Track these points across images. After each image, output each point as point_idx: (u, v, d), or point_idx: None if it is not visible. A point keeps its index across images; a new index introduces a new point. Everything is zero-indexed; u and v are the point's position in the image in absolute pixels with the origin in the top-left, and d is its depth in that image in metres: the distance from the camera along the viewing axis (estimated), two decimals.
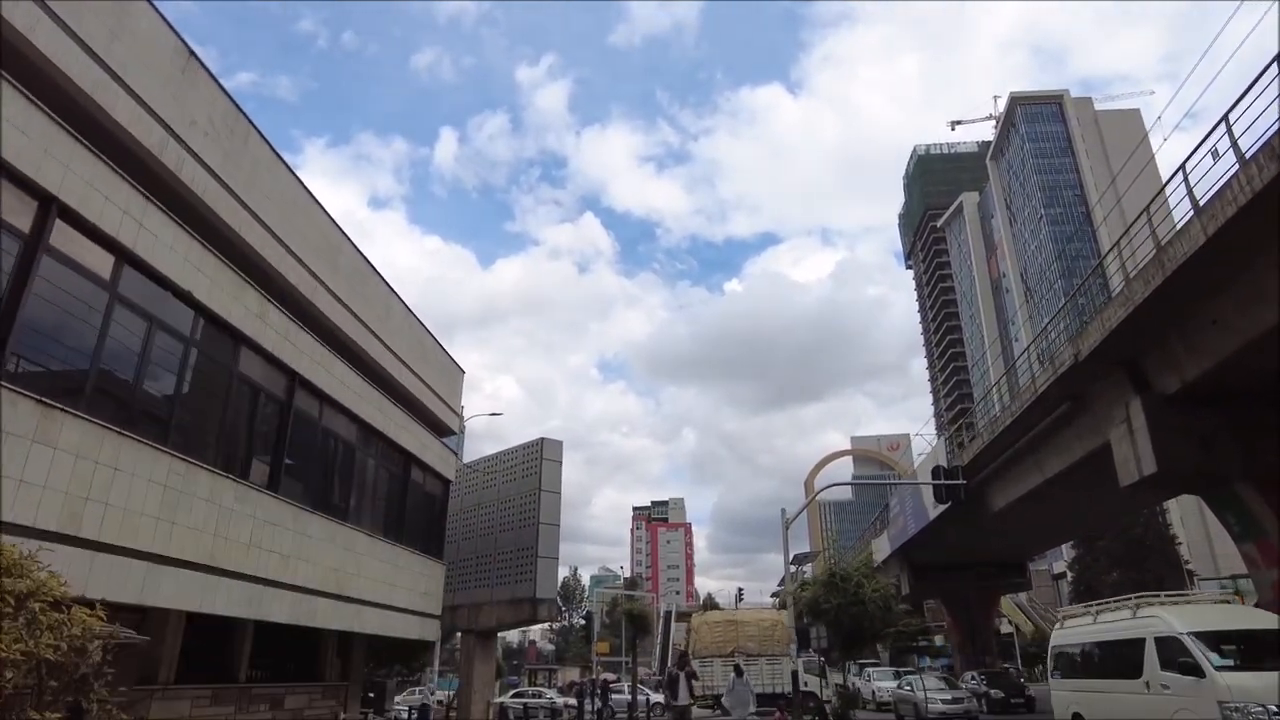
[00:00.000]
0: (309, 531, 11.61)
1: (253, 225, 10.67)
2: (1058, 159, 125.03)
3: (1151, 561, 72.42)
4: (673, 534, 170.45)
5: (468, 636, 19.04)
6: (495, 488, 19.79)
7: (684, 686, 15.17)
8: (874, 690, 29.91)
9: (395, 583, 14.62)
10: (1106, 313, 19.51)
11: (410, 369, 15.95)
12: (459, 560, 20.16)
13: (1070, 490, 27.73)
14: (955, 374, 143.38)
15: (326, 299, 12.64)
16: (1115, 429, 20.64)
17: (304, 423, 12.03)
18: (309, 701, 13.60)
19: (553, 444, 18.84)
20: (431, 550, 16.81)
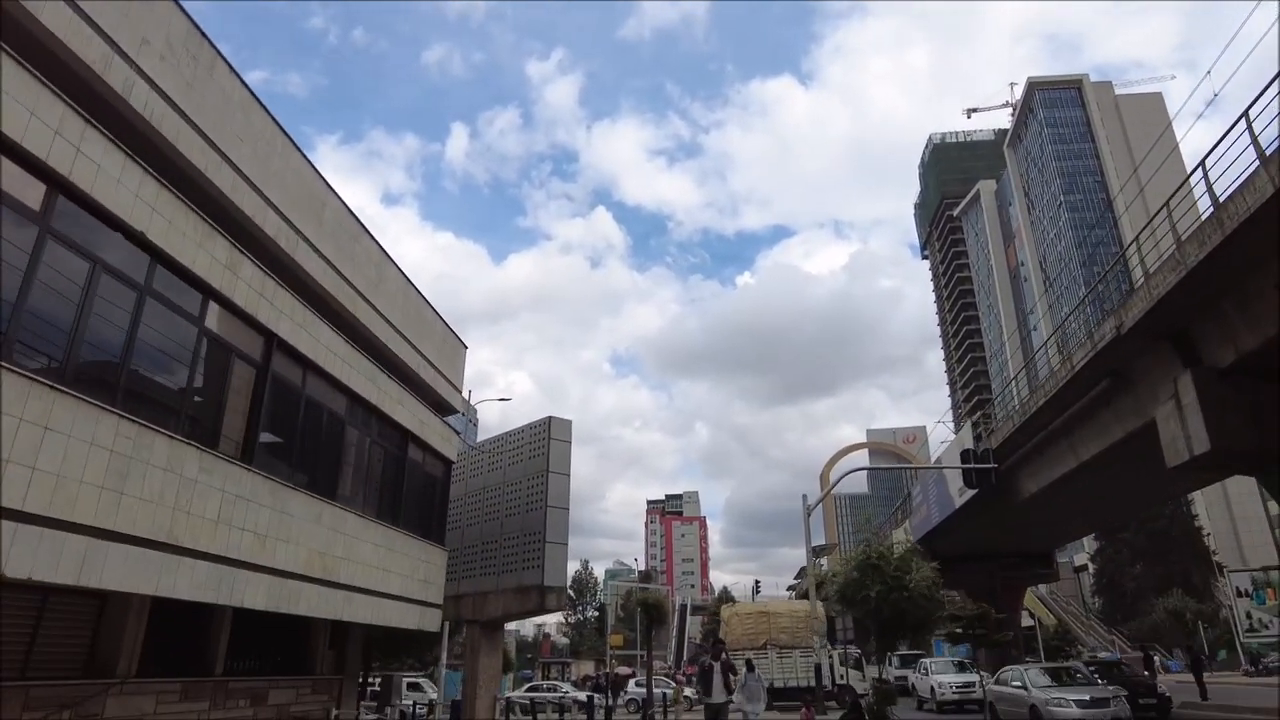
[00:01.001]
0: (290, 509, 10.53)
1: (222, 167, 9.57)
2: (1077, 144, 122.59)
3: (1176, 554, 70.71)
4: (687, 527, 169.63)
5: (473, 627, 17.98)
6: (501, 470, 18.69)
7: (719, 679, 13.02)
8: (933, 686, 26.72)
9: (390, 568, 13.54)
10: (1154, 280, 18.14)
11: (407, 340, 14.85)
12: (464, 547, 19.10)
13: (1106, 475, 26.35)
14: (972, 365, 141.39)
15: (310, 257, 11.54)
16: (1161, 407, 19.28)
17: (284, 391, 10.95)
18: (296, 696, 12.55)
19: (561, 423, 17.72)
20: (432, 535, 15.73)
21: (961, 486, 32.46)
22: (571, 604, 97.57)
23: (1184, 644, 50.14)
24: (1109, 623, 73.88)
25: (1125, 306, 19.55)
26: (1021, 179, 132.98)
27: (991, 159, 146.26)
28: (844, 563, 16.81)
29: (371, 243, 13.73)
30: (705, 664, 13.58)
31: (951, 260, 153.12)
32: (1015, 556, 42.57)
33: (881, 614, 14.38)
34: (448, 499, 16.73)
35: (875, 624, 15.22)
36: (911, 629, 15.55)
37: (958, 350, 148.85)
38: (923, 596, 14.55)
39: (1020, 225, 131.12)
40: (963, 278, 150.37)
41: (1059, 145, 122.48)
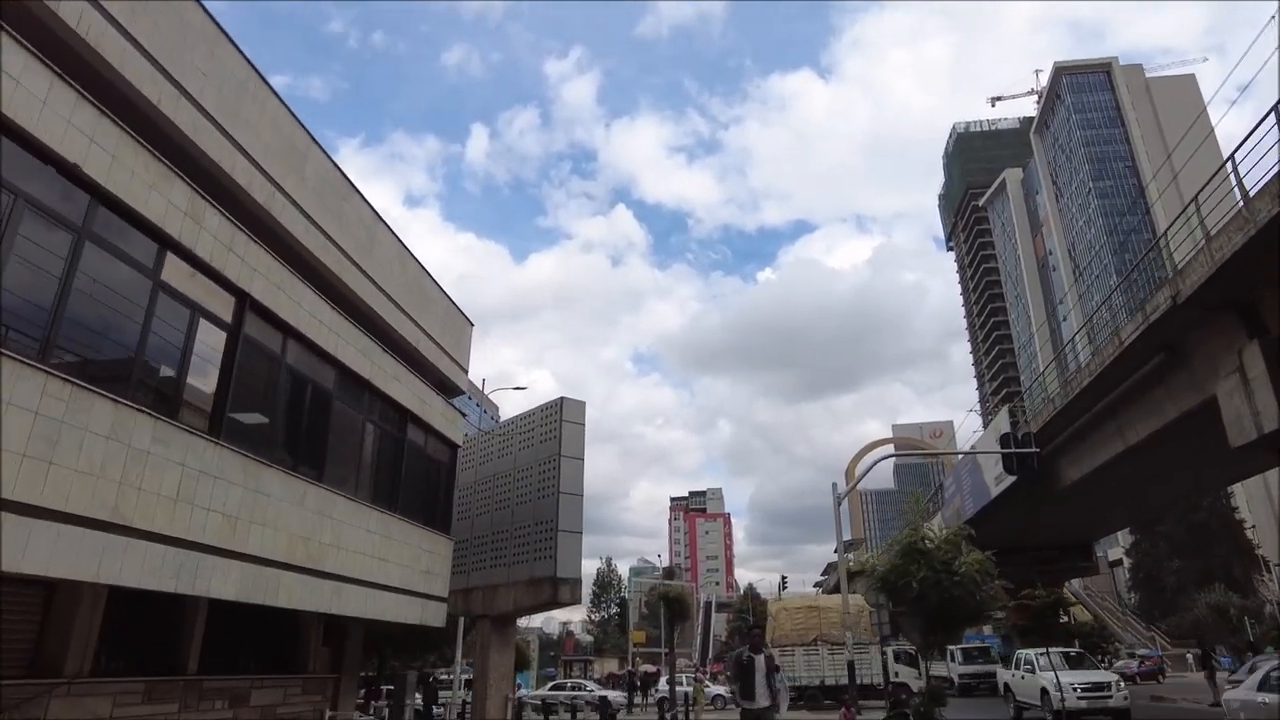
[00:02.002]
0: (267, 489, 9.47)
1: (180, 103, 8.50)
2: (1106, 129, 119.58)
3: (1218, 548, 68.22)
4: (711, 524, 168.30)
5: (483, 622, 16.89)
6: (511, 455, 17.59)
7: (762, 678, 10.06)
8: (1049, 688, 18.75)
9: (387, 557, 12.47)
10: (1216, 241, 16.65)
11: (405, 312, 13.76)
12: (474, 538, 18.04)
13: (1155, 460, 24.75)
14: (1000, 357, 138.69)
15: (289, 213, 10.47)
16: (1223, 382, 17.77)
17: (259, 358, 9.88)
18: (284, 696, 11.49)
19: (573, 404, 16.58)
20: (436, 523, 14.65)
21: (999, 475, 30.94)
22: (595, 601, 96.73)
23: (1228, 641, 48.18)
24: (1147, 619, 71.66)
25: (1181, 273, 18.05)
26: (1049, 166, 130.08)
27: (1017, 148, 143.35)
28: (886, 548, 15.43)
29: (362, 204, 12.64)
30: (744, 658, 10.34)
31: (977, 251, 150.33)
32: (1053, 549, 40.93)
33: (928, 603, 12.94)
34: (454, 485, 15.65)
35: (921, 615, 13.80)
36: (962, 620, 14.15)
37: (985, 343, 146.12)
38: (973, 583, 13.13)
39: (1048, 214, 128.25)
40: (989, 269, 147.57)
41: (1088, 131, 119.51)
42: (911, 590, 12.85)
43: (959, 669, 33.25)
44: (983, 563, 13.50)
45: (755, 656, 10.24)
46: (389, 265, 13.32)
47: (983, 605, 13.80)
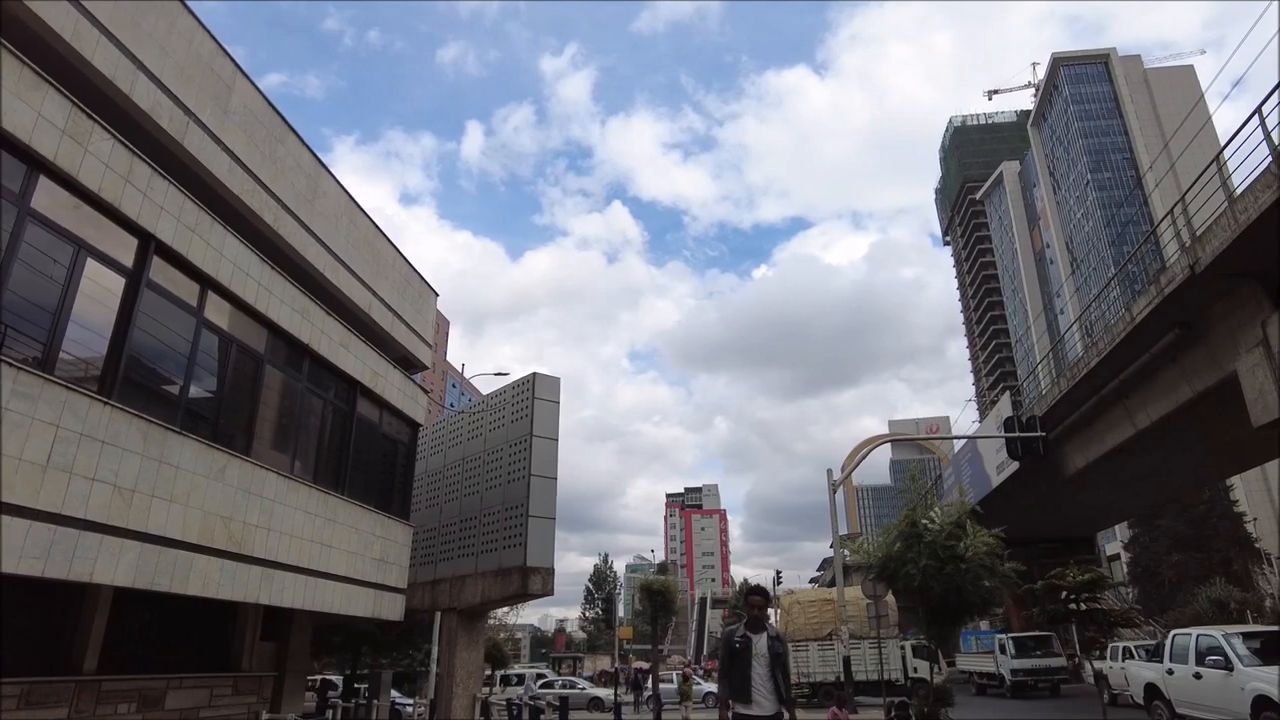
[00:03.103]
0: (175, 459, 8.20)
1: (58, 2, 7.23)
2: (1104, 121, 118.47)
3: (1217, 541, 67.36)
4: (707, 520, 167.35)
5: (449, 616, 15.65)
6: (481, 437, 16.33)
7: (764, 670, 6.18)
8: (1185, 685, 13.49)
9: (332, 543, 11.22)
10: (1240, 203, 15.44)
11: (354, 274, 12.49)
12: (442, 526, 16.80)
13: (1167, 445, 23.57)
14: (997, 351, 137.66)
15: (207, 147, 9.19)
16: (1244, 357, 16.56)
17: (170, 311, 8.61)
18: (209, 698, 10.23)
19: (547, 380, 15.32)
20: (393, 507, 13.39)
21: (1000, 463, 29.77)
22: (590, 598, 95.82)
23: None
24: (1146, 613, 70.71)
25: (1200, 239, 16.84)
26: (1046, 158, 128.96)
27: (1014, 141, 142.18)
28: (883, 532, 14.09)
29: (301, 148, 11.36)
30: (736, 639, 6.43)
31: (974, 245, 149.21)
32: (1055, 541, 39.74)
33: (930, 592, 11.60)
34: (413, 467, 14.39)
35: (924, 607, 12.47)
36: (969, 610, 12.85)
37: (982, 336, 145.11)
38: (982, 568, 11.81)
39: (1045, 206, 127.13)
40: (986, 262, 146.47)
41: (1085, 122, 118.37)
42: (913, 580, 11.51)
43: (1012, 663, 27.95)
44: (992, 544, 12.18)
45: (753, 637, 6.07)
46: (335, 220, 12.04)
47: (993, 593, 12.46)
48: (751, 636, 6.04)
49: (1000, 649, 29.70)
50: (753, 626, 6.10)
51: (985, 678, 31.21)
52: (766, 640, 6.01)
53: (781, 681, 5.96)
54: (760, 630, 6.08)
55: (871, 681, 26.13)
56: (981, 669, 32.12)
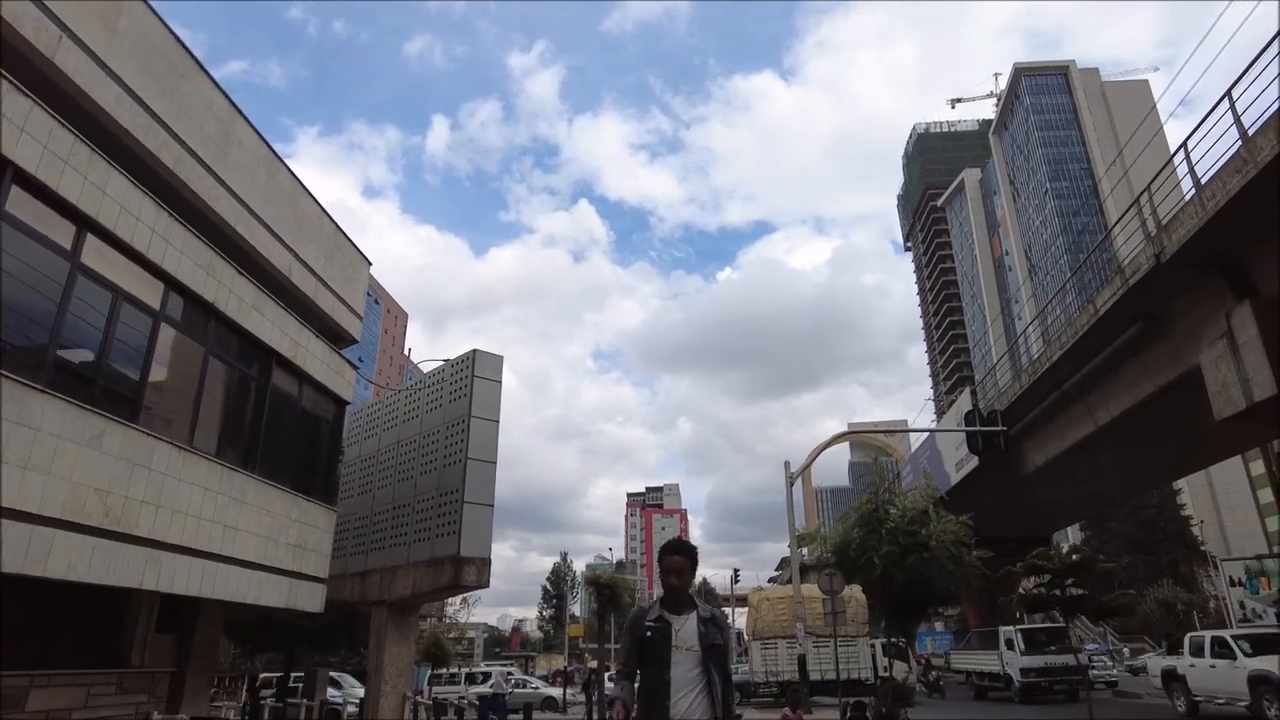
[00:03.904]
0: (33, 421, 7.11)
1: None
2: (1064, 131, 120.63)
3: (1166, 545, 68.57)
4: (668, 520, 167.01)
5: (379, 609, 14.58)
6: (418, 419, 15.29)
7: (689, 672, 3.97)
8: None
9: (238, 525, 10.14)
10: (1209, 188, 15.05)
11: (273, 232, 11.40)
12: (374, 514, 15.72)
13: (1127, 442, 23.31)
14: (956, 356, 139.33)
15: (86, 69, 8.07)
16: (1208, 349, 16.18)
17: (34, 251, 7.50)
18: (86, 697, 9.07)
19: (489, 358, 14.34)
20: (314, 490, 12.31)
21: (960, 460, 29.45)
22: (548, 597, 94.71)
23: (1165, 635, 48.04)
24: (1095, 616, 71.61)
25: (1166, 228, 16.46)
26: (1007, 166, 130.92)
27: (976, 149, 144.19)
28: (841, 518, 13.22)
29: (213, 89, 10.25)
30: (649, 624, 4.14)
31: (935, 251, 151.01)
32: (1011, 541, 39.61)
33: (892, 582, 10.75)
34: (338, 447, 13.33)
35: (885, 598, 11.67)
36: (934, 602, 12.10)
37: (940, 341, 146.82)
38: (948, 558, 11.06)
39: (1005, 214, 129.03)
40: (946, 268, 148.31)
41: (1045, 132, 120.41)
42: (874, 569, 10.62)
43: (1021, 661, 24.04)
44: (957, 531, 11.44)
45: (675, 620, 4.14)
46: (251, 172, 10.94)
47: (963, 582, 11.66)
48: (671, 619, 4.01)
49: (1007, 644, 25.47)
50: (674, 604, 4.09)
51: (987, 679, 27.46)
52: (696, 624, 4.00)
53: (718, 686, 3.90)
54: (686, 610, 4.06)
55: (840, 681, 25.56)
56: (982, 668, 28.20)
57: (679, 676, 3.90)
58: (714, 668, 3.95)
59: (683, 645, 3.97)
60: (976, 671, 28.77)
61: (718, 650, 4.00)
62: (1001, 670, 25.57)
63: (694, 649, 3.96)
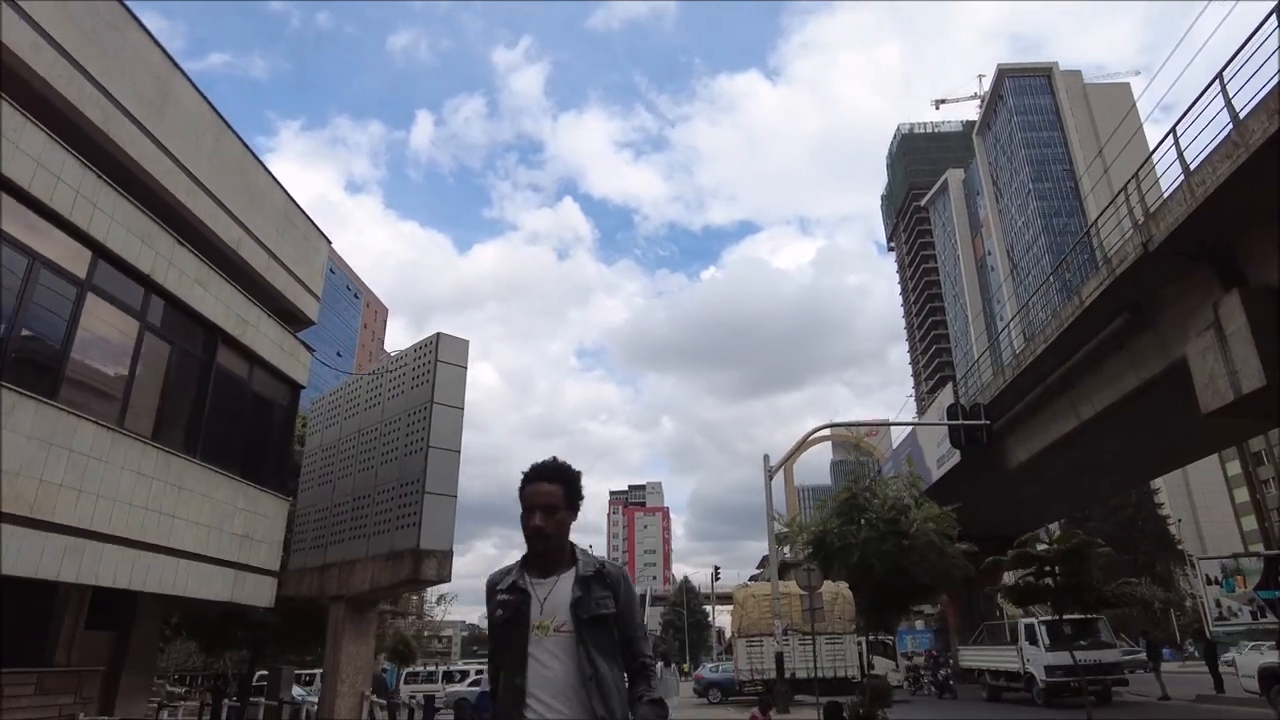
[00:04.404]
0: None
1: None
2: (1046, 133, 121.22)
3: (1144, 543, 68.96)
4: (650, 518, 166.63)
5: (337, 605, 13.89)
6: (380, 406, 14.59)
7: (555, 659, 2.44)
8: None
9: (176, 513, 9.46)
10: (1198, 174, 14.66)
11: (218, 202, 10.70)
12: (334, 505, 15.01)
13: (1110, 437, 22.96)
14: (937, 356, 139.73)
15: None
16: (1195, 340, 15.81)
17: None
18: None
19: (453, 342, 13.67)
20: (264, 477, 11.65)
21: (941, 456, 29.08)
22: None
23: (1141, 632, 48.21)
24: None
25: (1154, 216, 16.08)
26: (990, 167, 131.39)
27: (960, 150, 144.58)
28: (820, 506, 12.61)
29: (152, 47, 9.55)
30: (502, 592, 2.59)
31: (918, 251, 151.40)
32: (992, 539, 39.42)
33: (872, 571, 10.13)
34: (292, 433, 12.68)
35: (866, 589, 11.09)
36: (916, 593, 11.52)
37: (923, 341, 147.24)
38: (930, 547, 10.49)
39: (988, 214, 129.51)
40: (929, 269, 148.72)
41: (1028, 133, 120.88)
42: (851, 554, 9.99)
43: (1046, 658, 21.08)
44: (940, 519, 10.88)
45: (536, 586, 2.57)
46: (194, 136, 10.24)
47: (944, 574, 11.05)
48: (533, 586, 2.57)
49: (1028, 637, 22.35)
50: (541, 562, 2.62)
51: (1002, 678, 24.63)
52: (573, 588, 2.55)
53: (611, 684, 2.46)
54: (559, 569, 2.61)
55: (819, 679, 25.06)
56: (996, 665, 25.23)
57: (541, 677, 2.41)
58: (599, 655, 2.45)
59: (549, 624, 2.47)
60: (990, 670, 25.95)
61: (602, 627, 2.50)
62: (1021, 668, 22.61)
63: (567, 629, 2.47)
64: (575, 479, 2.76)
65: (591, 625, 2.50)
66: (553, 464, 2.73)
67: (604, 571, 2.65)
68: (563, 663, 2.45)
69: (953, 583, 10.81)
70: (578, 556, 2.68)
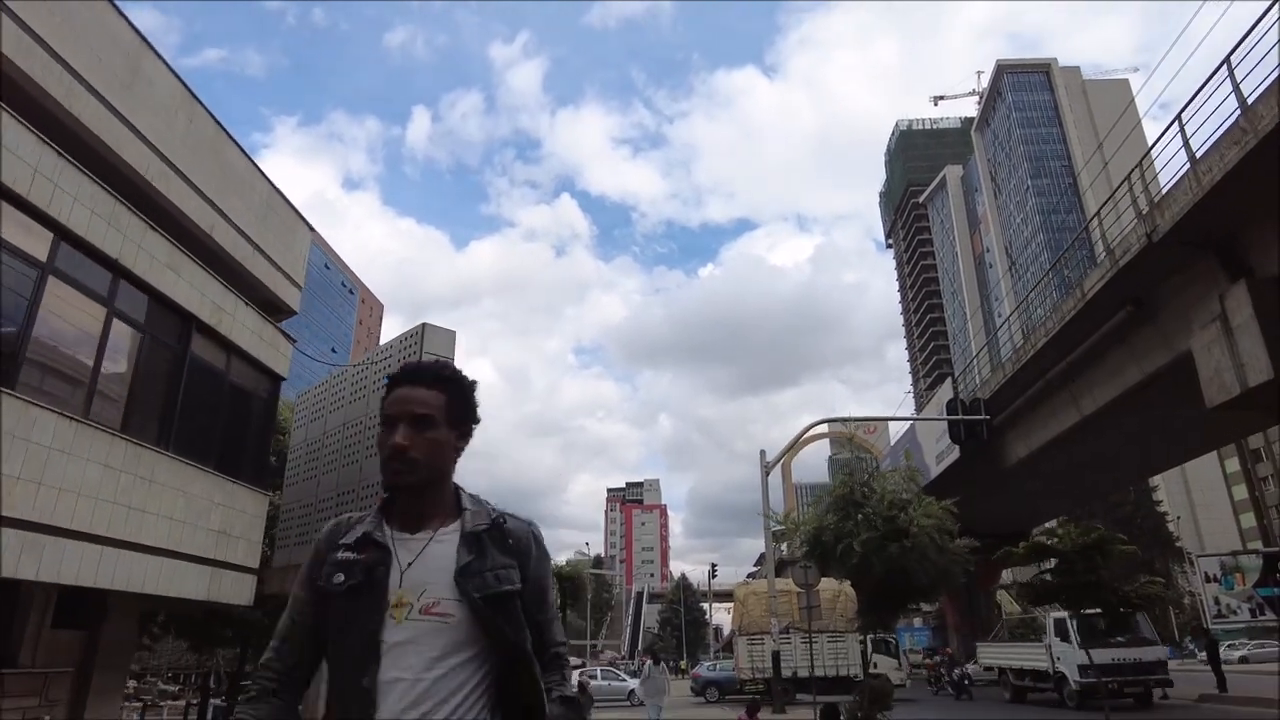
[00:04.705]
0: None
1: None
2: (1045, 129, 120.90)
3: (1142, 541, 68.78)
4: (647, 516, 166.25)
5: None
6: (364, 399, 14.20)
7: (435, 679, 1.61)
8: None
9: (146, 507, 9.08)
10: (1204, 162, 14.32)
11: (192, 185, 10.31)
12: (319, 501, 14.62)
13: (1110, 433, 22.68)
14: (935, 353, 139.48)
15: None
16: (1200, 334, 15.47)
17: None
18: None
19: (439, 333, 13.27)
20: (243, 471, 11.27)
21: (940, 452, 28.78)
22: None
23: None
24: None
25: (1159, 205, 15.73)
26: (989, 164, 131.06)
27: (958, 147, 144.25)
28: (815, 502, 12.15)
29: (121, 24, 9.13)
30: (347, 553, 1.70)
31: (916, 248, 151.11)
32: (991, 536, 39.13)
33: (871, 571, 9.74)
34: (272, 426, 12.34)
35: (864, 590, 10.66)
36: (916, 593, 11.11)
37: (921, 338, 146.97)
38: (932, 546, 10.08)
39: (986, 211, 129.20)
40: (927, 265, 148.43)
41: (1027, 129, 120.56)
42: (851, 557, 9.59)
43: (1079, 656, 18.70)
44: (941, 517, 10.47)
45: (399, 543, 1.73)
46: (166, 115, 9.85)
47: (944, 573, 10.59)
48: (400, 542, 1.74)
49: (1058, 633, 20.35)
50: (405, 512, 1.79)
51: (1028, 677, 22.70)
52: (457, 550, 1.73)
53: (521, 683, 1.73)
54: (437, 520, 1.79)
55: (816, 678, 24.73)
56: (1022, 664, 23.19)
57: (398, 681, 1.62)
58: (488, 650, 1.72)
59: (412, 600, 1.68)
60: (1013, 668, 23.84)
61: (503, 609, 1.73)
62: (1050, 667, 20.61)
63: (443, 611, 1.68)
64: (464, 386, 1.87)
65: (489, 606, 1.69)
66: (431, 364, 1.87)
67: (504, 528, 1.82)
68: (431, 659, 1.63)
69: (954, 581, 10.21)
70: (464, 505, 1.84)
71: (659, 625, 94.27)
